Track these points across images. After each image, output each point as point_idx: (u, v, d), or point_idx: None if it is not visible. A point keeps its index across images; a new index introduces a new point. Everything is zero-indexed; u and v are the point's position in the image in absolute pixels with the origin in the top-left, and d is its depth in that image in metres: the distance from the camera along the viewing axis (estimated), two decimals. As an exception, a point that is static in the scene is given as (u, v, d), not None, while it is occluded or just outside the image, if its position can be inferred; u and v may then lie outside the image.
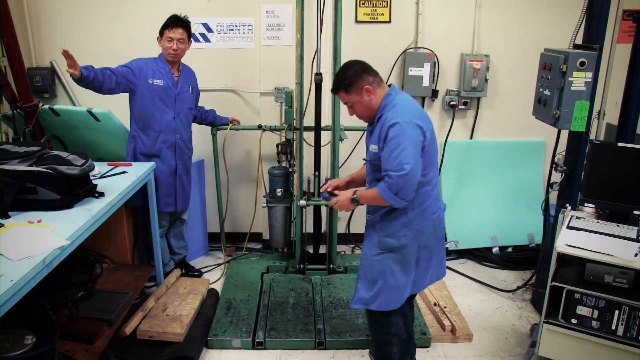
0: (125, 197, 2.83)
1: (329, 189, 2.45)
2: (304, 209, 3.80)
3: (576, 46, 2.87)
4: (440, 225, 2.43)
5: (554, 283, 2.43)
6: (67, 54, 2.91)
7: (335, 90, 2.29)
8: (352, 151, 4.21)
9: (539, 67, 3.03)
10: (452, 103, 4.16)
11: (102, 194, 2.67)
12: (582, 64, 2.71)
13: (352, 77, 2.24)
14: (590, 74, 2.72)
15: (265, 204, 3.90)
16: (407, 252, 2.34)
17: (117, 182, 2.92)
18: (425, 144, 2.18)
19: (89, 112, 3.31)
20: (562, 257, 2.50)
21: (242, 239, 4.43)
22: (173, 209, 3.63)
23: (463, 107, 4.22)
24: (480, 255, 4.33)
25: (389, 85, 2.31)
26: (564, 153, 3.18)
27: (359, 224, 4.47)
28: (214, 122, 3.85)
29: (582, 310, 2.43)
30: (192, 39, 3.44)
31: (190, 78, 3.54)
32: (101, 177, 2.98)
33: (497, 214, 4.33)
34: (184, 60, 3.52)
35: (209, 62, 4.02)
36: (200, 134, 3.98)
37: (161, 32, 3.32)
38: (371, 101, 2.23)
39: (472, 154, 4.31)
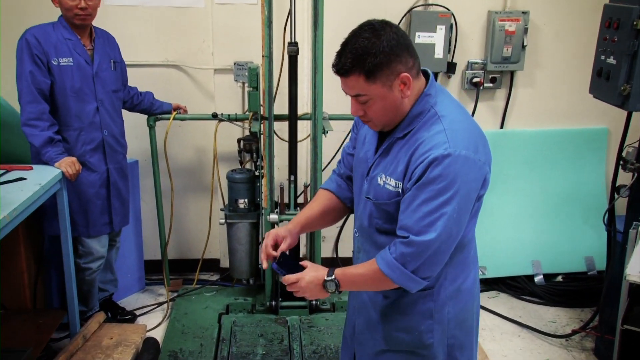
0: (24, 215, 2.78)
1: (279, 256, 2.10)
2: (276, 226, 3.77)
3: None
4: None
5: (625, 326, 2.37)
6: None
7: (345, 69, 1.84)
8: (339, 147, 4.20)
9: (600, 25, 2.99)
10: (475, 80, 4.16)
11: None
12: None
13: (386, 53, 1.80)
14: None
15: (223, 220, 3.90)
16: (432, 359, 2.10)
17: (10, 193, 2.84)
18: (482, 193, 1.94)
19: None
20: (636, 289, 2.45)
21: (193, 268, 4.44)
22: (109, 229, 3.63)
23: (490, 85, 4.22)
24: (517, 286, 4.37)
25: (424, 73, 1.97)
26: (636, 145, 3.12)
27: (350, 245, 4.49)
28: (151, 109, 3.82)
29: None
30: None
31: (109, 48, 3.45)
32: (-17, 184, 2.95)
33: (539, 231, 4.35)
34: (97, 22, 3.39)
35: (141, 27, 3.95)
36: (132, 125, 3.93)
37: None
38: (403, 100, 1.89)
39: (504, 149, 4.31)
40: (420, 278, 1.87)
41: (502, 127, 4.38)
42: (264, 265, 2.07)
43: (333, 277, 1.95)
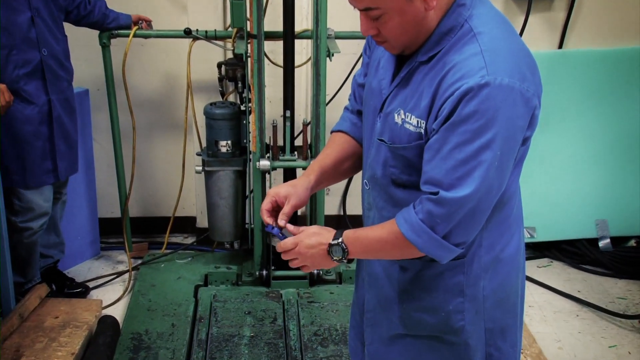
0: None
1: (282, 222, 2.14)
2: (267, 175, 3.85)
3: None
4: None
5: None
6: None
7: None
8: (348, 75, 4.20)
9: None
10: (526, -15, 4.16)
11: None
12: None
13: None
14: None
15: (200, 168, 3.97)
16: (464, 347, 2.13)
17: None
18: (529, 134, 1.94)
19: None
20: None
21: (161, 228, 4.49)
22: (53, 179, 3.65)
23: (546, -9, 4.24)
24: (576, 252, 4.40)
25: None
26: None
27: (359, 198, 4.48)
28: (104, 22, 3.79)
29: None
30: None
31: None
32: None
33: (606, 182, 4.37)
34: None
35: None
36: (80, 44, 3.91)
37: None
38: (427, 14, 1.89)
39: (561, 76, 4.27)
40: (453, 245, 1.89)
41: (560, 46, 4.36)
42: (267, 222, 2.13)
43: (340, 240, 1.98)
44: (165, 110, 4.39)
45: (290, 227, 2.08)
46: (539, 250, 4.46)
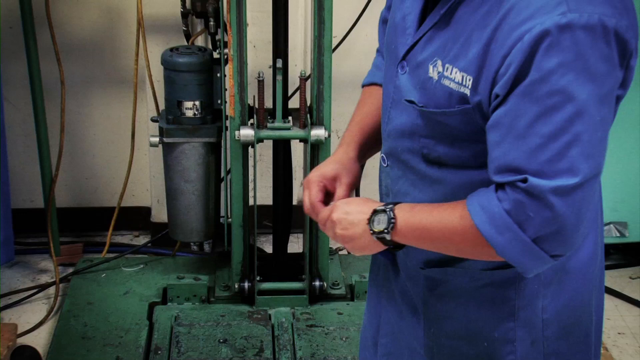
0: None
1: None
2: (251, 149, 3.86)
3: None
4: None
5: None
6: None
7: None
8: (363, 10, 4.18)
9: None
10: None
11: None
12: None
13: None
14: None
15: (156, 139, 3.97)
16: None
17: None
18: (621, 94, 1.95)
19: None
20: None
21: (102, 224, 4.53)
22: None
23: None
24: None
25: None
26: None
27: (375, 182, 4.49)
28: None
29: None
30: None
31: None
32: None
33: None
34: None
35: None
36: None
37: None
38: None
39: None
40: (547, 254, 1.87)
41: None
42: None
43: (391, 206, 2.01)
44: (107, 58, 4.43)
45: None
46: (632, 254, 4.50)
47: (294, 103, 3.96)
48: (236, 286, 3.93)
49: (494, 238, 1.87)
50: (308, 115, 3.76)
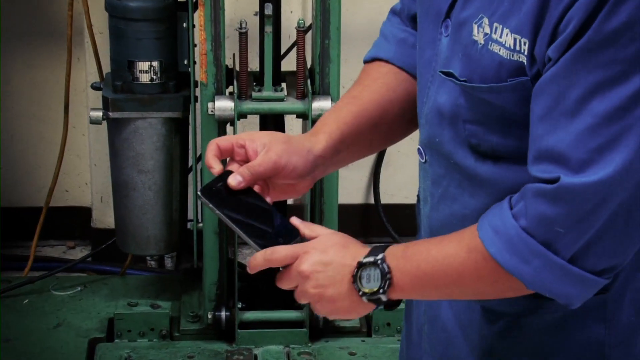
0: None
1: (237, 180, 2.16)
2: (230, 128, 3.89)
3: None
4: None
5: None
6: None
7: None
8: None
9: None
10: None
11: None
12: None
13: None
14: None
15: (99, 114, 4.01)
16: None
17: None
18: None
19: None
20: None
21: (25, 230, 4.60)
22: None
23: None
24: None
25: None
26: None
27: (401, 173, 4.83)
28: None
29: None
30: None
31: None
32: None
33: None
34: None
35: None
36: None
37: None
38: None
39: None
40: (591, 272, 1.89)
41: None
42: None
43: (380, 256, 1.99)
44: (32, 3, 4.41)
45: (295, 221, 2.12)
46: None
47: (288, 65, 4.03)
48: (209, 316, 3.96)
49: (519, 269, 1.87)
50: (308, 82, 3.78)
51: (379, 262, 1.96)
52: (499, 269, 1.89)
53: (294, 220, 2.10)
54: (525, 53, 1.88)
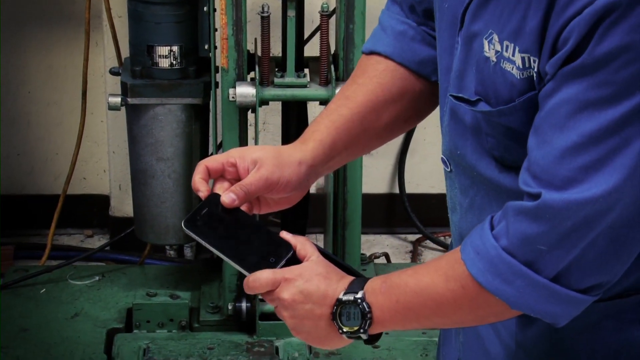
0: None
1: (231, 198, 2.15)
2: (251, 115, 3.92)
3: None
4: None
5: None
6: None
7: None
8: None
9: None
10: None
11: None
12: None
13: None
14: None
15: (117, 100, 4.00)
16: None
17: None
18: None
19: None
20: None
21: (42, 219, 4.59)
22: None
23: None
24: None
25: None
26: None
27: (427, 162, 4.81)
28: None
29: None
30: None
31: None
32: None
33: None
34: None
35: None
36: None
37: None
38: None
39: None
40: (576, 290, 1.92)
41: None
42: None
43: (360, 294, 2.00)
44: None
45: (286, 235, 2.12)
46: None
47: (311, 50, 4.01)
48: (230, 307, 3.97)
49: (501, 290, 1.89)
50: (332, 67, 3.77)
51: (359, 300, 1.96)
52: (479, 296, 1.93)
53: (285, 235, 2.08)
54: (535, 69, 1.90)
